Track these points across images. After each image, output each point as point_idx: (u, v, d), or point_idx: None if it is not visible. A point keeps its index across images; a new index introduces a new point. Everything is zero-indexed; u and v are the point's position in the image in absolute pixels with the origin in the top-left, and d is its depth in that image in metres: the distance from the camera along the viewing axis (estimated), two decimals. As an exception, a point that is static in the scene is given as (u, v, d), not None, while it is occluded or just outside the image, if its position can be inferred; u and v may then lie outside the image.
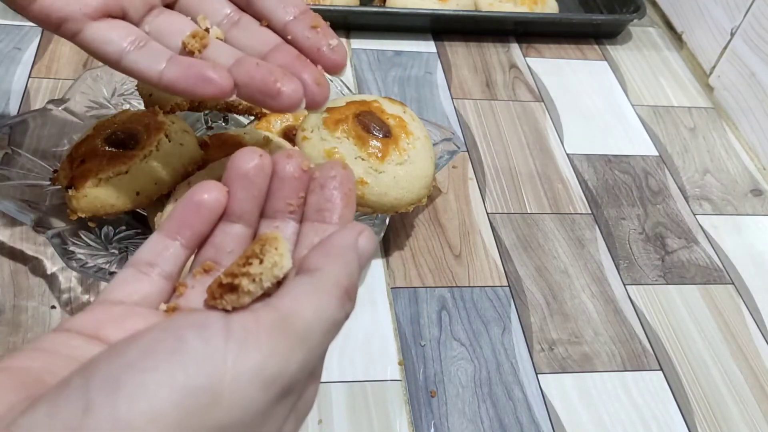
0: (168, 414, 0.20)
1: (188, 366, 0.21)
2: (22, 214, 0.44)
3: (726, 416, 0.47)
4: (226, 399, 0.21)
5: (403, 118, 0.49)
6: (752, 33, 0.68)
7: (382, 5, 0.76)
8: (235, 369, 0.21)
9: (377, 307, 0.49)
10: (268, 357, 0.22)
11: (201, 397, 0.21)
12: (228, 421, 0.21)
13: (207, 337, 0.22)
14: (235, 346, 0.22)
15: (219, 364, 0.21)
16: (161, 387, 0.20)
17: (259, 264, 0.26)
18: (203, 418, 0.21)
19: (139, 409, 0.20)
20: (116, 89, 0.55)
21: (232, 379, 0.21)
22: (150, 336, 0.22)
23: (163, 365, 0.21)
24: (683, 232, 0.59)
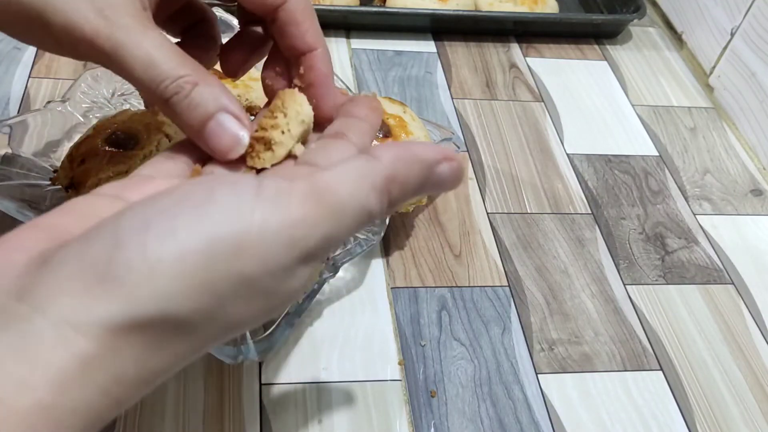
0: (194, 256, 0.21)
1: (216, 215, 0.22)
2: (22, 214, 0.44)
3: (726, 416, 0.47)
4: (249, 250, 0.22)
5: (403, 118, 0.49)
6: (752, 33, 0.68)
7: (382, 5, 0.76)
8: (261, 224, 0.22)
9: (377, 307, 0.49)
10: (296, 220, 0.23)
11: (226, 245, 0.22)
12: (250, 271, 0.22)
13: (237, 192, 0.23)
14: (265, 203, 0.23)
15: (246, 216, 0.22)
16: (189, 231, 0.22)
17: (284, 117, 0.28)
18: (227, 265, 0.22)
19: (167, 249, 0.21)
20: (116, 89, 0.55)
21: (258, 233, 0.22)
22: (182, 189, 0.23)
23: (193, 213, 0.22)
24: (683, 232, 0.59)
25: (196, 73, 0.29)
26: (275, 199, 0.23)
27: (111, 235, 0.22)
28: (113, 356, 0.21)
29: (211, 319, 0.22)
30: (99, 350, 0.21)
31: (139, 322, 0.21)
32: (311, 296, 0.45)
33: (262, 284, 0.23)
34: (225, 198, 0.22)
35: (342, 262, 0.45)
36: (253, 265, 0.22)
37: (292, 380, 0.44)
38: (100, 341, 0.21)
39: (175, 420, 0.42)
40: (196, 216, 0.22)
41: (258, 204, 0.23)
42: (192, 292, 0.22)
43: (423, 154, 0.26)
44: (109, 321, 0.21)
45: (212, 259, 0.22)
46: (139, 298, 0.21)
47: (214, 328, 0.23)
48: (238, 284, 0.22)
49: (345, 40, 0.74)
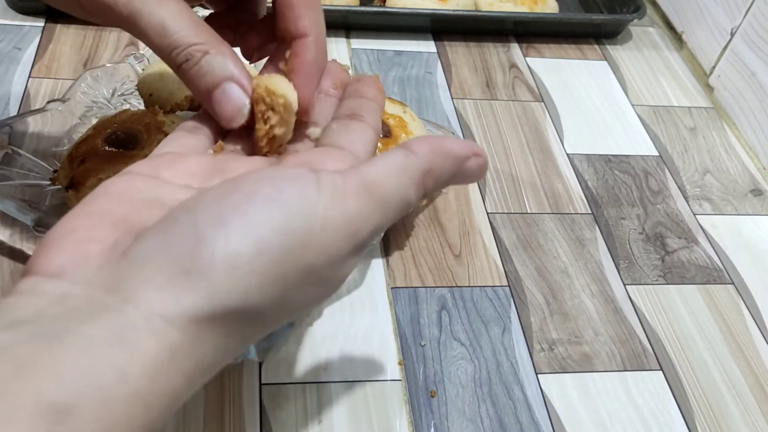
0: (271, 249, 0.23)
1: (287, 211, 0.23)
2: (22, 214, 0.44)
3: (726, 416, 0.47)
4: (315, 243, 0.24)
5: (403, 118, 0.49)
6: (752, 33, 0.68)
7: (382, 5, 0.76)
8: (324, 218, 0.24)
9: (377, 307, 0.49)
10: (353, 213, 0.25)
11: (298, 238, 0.23)
12: (315, 262, 0.24)
13: (301, 187, 0.24)
14: (326, 199, 0.24)
15: (312, 212, 0.24)
16: (265, 226, 0.23)
17: (274, 112, 0.30)
18: (297, 256, 0.24)
19: (246, 245, 0.23)
20: (116, 89, 0.55)
21: (322, 227, 0.24)
22: (249, 184, 0.24)
23: (266, 208, 0.23)
24: (683, 232, 0.59)
25: (209, 42, 0.31)
26: (334, 194, 0.25)
27: (191, 231, 0.23)
28: (197, 345, 0.22)
29: (279, 307, 0.24)
30: (186, 340, 0.22)
31: (222, 313, 0.23)
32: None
33: (324, 274, 0.25)
34: (292, 194, 0.24)
35: (342, 262, 0.45)
36: (319, 256, 0.24)
37: (292, 380, 0.44)
38: (186, 331, 0.22)
39: (175, 420, 0.42)
40: (268, 212, 0.23)
41: (320, 199, 0.24)
42: (267, 285, 0.23)
43: (456, 149, 0.28)
44: (195, 313, 0.22)
45: (285, 254, 0.23)
46: (222, 292, 0.22)
47: (279, 314, 0.25)
48: (305, 275, 0.24)
49: (345, 40, 0.74)
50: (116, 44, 0.68)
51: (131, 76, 0.55)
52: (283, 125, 0.31)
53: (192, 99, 0.50)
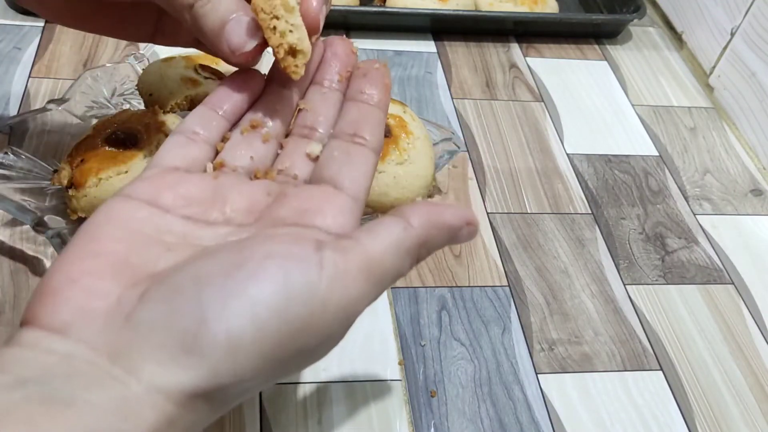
0: (272, 333, 0.24)
1: (290, 295, 0.24)
2: (22, 214, 0.44)
3: (726, 416, 0.47)
4: (314, 326, 0.25)
5: (403, 118, 0.49)
6: (752, 33, 0.68)
7: (382, 5, 0.76)
8: (324, 302, 0.25)
9: (377, 307, 0.49)
10: (353, 297, 0.25)
11: (298, 322, 0.24)
12: (311, 344, 0.25)
13: (305, 270, 0.25)
14: (327, 282, 0.25)
15: (314, 296, 0.24)
16: (268, 309, 0.24)
17: (278, 19, 0.31)
18: (295, 340, 0.24)
19: (247, 330, 0.23)
20: (116, 89, 0.55)
21: (322, 311, 0.25)
22: (255, 262, 0.25)
23: (270, 290, 0.24)
24: (683, 232, 0.59)
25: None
26: (335, 276, 0.25)
27: (196, 307, 0.24)
28: (192, 414, 0.24)
29: (268, 380, 0.25)
30: (181, 411, 0.23)
31: (217, 389, 0.24)
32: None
33: (316, 352, 0.26)
34: (296, 277, 0.24)
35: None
36: (315, 339, 0.25)
37: (292, 380, 0.44)
38: (183, 404, 0.23)
39: (175, 420, 0.42)
40: (272, 295, 0.24)
41: (322, 282, 0.25)
42: (263, 365, 0.24)
43: (451, 220, 0.28)
44: (193, 390, 0.23)
45: (284, 337, 0.24)
46: (220, 371, 0.23)
47: (264, 384, 0.26)
48: (299, 355, 0.25)
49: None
50: (116, 44, 0.68)
51: (131, 76, 0.55)
52: (294, 31, 0.31)
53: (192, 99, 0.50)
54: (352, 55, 0.35)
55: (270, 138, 0.33)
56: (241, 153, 0.32)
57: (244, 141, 0.32)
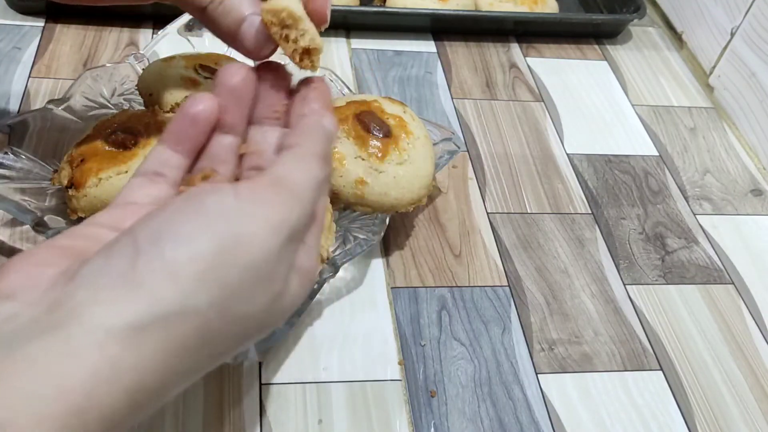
0: (204, 255, 0.25)
1: (211, 220, 0.25)
2: (22, 214, 0.44)
3: (726, 416, 0.47)
4: (245, 243, 0.25)
5: (403, 118, 0.49)
6: (752, 33, 0.68)
7: (382, 5, 0.76)
8: (248, 219, 0.26)
9: (377, 307, 0.49)
10: (271, 207, 0.26)
11: (227, 242, 0.25)
12: (249, 260, 0.25)
13: (221, 198, 0.26)
14: (245, 202, 0.26)
15: (234, 216, 0.26)
16: (194, 236, 0.25)
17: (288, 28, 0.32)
18: (230, 257, 0.25)
19: (180, 252, 0.24)
20: (116, 89, 0.55)
21: (246, 225, 0.26)
22: (176, 203, 0.26)
23: (195, 220, 0.25)
24: (683, 232, 0.59)
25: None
26: (251, 198, 0.27)
27: (131, 247, 0.25)
28: (139, 358, 0.23)
29: (224, 312, 0.25)
30: (127, 352, 0.23)
31: (163, 317, 0.24)
32: (311, 296, 0.45)
33: (263, 269, 0.26)
34: (214, 203, 0.26)
35: (342, 262, 0.45)
36: (251, 255, 0.26)
37: (292, 380, 0.44)
38: (128, 342, 0.23)
39: (175, 420, 0.42)
40: (196, 221, 0.25)
41: (239, 205, 0.26)
42: (206, 286, 0.24)
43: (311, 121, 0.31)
44: (137, 321, 0.23)
45: (219, 256, 0.25)
46: (162, 298, 0.24)
47: (227, 326, 0.26)
48: (243, 272, 0.25)
49: (345, 40, 0.74)
50: (116, 44, 0.68)
51: (131, 76, 0.55)
52: (305, 34, 0.32)
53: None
54: (285, 81, 0.34)
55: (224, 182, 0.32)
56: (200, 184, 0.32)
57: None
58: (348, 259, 0.46)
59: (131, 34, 0.69)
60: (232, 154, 0.33)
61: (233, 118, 0.32)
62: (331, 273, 0.44)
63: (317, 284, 0.43)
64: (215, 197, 0.26)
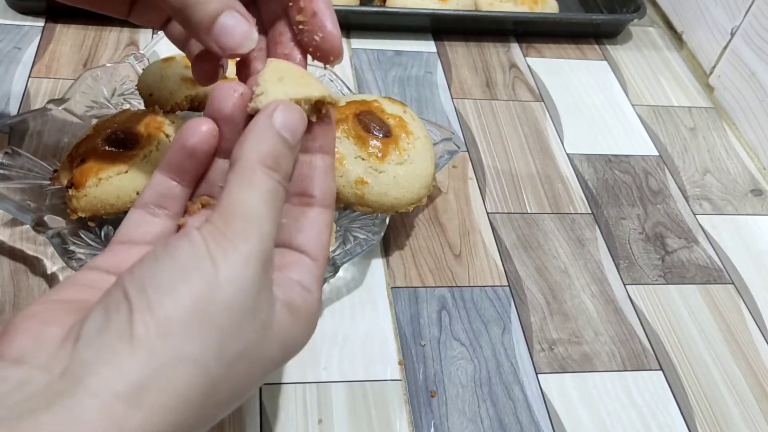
0: (186, 304, 0.24)
1: (187, 268, 0.25)
2: (22, 214, 0.44)
3: (726, 416, 0.47)
4: (224, 282, 0.25)
5: (403, 118, 0.49)
6: (752, 33, 0.68)
7: (382, 5, 0.76)
8: (218, 261, 0.25)
9: (377, 307, 0.49)
10: (232, 242, 0.26)
11: (203, 287, 0.25)
12: (229, 297, 0.25)
13: (192, 246, 0.26)
14: (210, 245, 0.26)
15: (204, 262, 0.25)
16: (174, 286, 0.25)
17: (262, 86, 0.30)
18: (211, 301, 0.25)
19: (165, 304, 0.24)
20: (116, 89, 0.55)
21: (222, 268, 0.25)
22: (154, 254, 0.26)
23: (170, 268, 0.25)
24: (683, 232, 0.59)
25: None
26: (211, 238, 0.26)
27: (124, 302, 0.24)
28: (145, 415, 0.23)
29: (220, 355, 0.25)
30: (132, 410, 0.23)
31: (162, 372, 0.24)
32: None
33: (244, 304, 0.26)
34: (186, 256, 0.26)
35: (342, 262, 0.45)
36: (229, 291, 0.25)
37: (292, 380, 0.44)
38: (133, 401, 0.23)
39: (175, 420, 0.41)
40: (174, 271, 0.25)
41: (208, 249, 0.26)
42: (195, 332, 0.24)
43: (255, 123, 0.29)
44: (139, 379, 0.23)
45: (201, 302, 0.25)
46: (160, 353, 0.24)
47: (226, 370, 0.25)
48: (226, 311, 0.25)
49: (345, 39, 0.74)
50: (116, 44, 0.68)
51: (131, 76, 0.55)
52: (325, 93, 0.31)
53: (192, 99, 0.50)
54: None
55: None
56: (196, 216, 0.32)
57: (197, 217, 0.32)
58: (348, 259, 0.46)
59: (131, 34, 0.69)
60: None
61: (227, 144, 0.31)
62: (331, 273, 0.44)
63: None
64: (186, 246, 0.26)
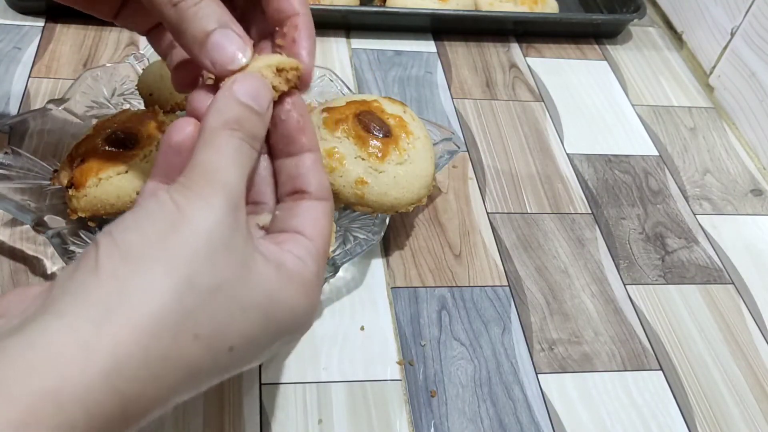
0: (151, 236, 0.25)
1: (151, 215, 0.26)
2: (22, 214, 0.44)
3: (726, 416, 0.47)
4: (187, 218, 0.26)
5: (403, 118, 0.49)
6: (752, 33, 0.68)
7: (382, 5, 0.76)
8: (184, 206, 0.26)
9: (377, 307, 0.49)
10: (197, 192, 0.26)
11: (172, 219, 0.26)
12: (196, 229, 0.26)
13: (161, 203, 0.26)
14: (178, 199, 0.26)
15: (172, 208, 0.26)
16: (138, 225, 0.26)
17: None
18: (175, 231, 0.25)
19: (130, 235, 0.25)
20: (116, 89, 0.55)
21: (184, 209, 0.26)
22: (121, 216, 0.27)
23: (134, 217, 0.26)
24: (683, 232, 0.59)
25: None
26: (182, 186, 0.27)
27: (92, 247, 0.25)
28: (112, 333, 0.23)
29: (190, 282, 0.25)
30: (100, 331, 0.22)
31: (129, 291, 0.24)
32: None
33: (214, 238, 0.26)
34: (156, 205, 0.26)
35: (342, 262, 0.45)
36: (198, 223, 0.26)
37: (292, 380, 0.44)
38: (100, 322, 0.23)
39: (175, 420, 0.42)
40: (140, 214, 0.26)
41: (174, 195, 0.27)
42: (164, 255, 0.24)
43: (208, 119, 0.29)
44: (106, 300, 0.23)
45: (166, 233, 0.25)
46: (123, 272, 0.24)
47: (202, 301, 0.25)
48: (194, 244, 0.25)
49: (345, 39, 0.74)
50: (116, 44, 0.68)
51: (131, 76, 0.55)
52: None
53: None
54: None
55: None
56: None
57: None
58: (348, 259, 0.46)
59: (131, 34, 0.69)
60: None
61: None
62: (331, 273, 0.44)
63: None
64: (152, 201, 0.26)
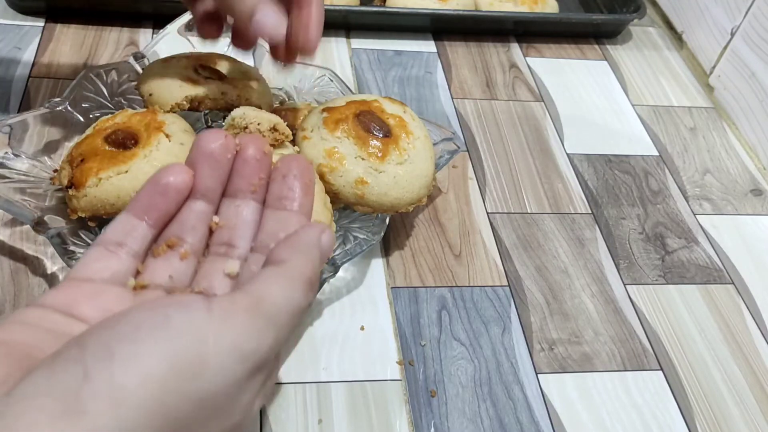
0: (157, 380, 0.22)
1: (175, 337, 0.23)
2: (22, 214, 0.44)
3: (726, 416, 0.47)
4: (208, 370, 0.23)
5: (403, 118, 0.49)
6: (752, 33, 0.68)
7: (382, 5, 0.76)
8: (216, 343, 0.23)
9: (377, 306, 0.49)
10: (245, 334, 0.24)
11: (186, 367, 0.22)
12: (209, 390, 0.23)
13: (190, 313, 0.23)
14: (216, 323, 0.23)
15: (202, 338, 0.23)
16: (151, 356, 0.22)
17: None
18: (188, 386, 0.22)
19: (132, 374, 0.22)
20: (116, 89, 0.55)
21: (214, 353, 0.23)
22: (138, 313, 0.23)
23: (152, 338, 0.22)
24: (683, 232, 0.59)
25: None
26: (223, 319, 0.24)
27: (78, 364, 0.22)
28: None
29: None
30: None
31: None
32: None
33: (218, 402, 0.23)
34: (180, 320, 0.23)
35: (342, 262, 0.45)
36: (212, 384, 0.23)
37: (292, 380, 0.44)
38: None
39: (175, 420, 0.41)
40: (155, 339, 0.22)
41: (210, 325, 0.23)
42: (152, 420, 0.22)
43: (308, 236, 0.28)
44: None
45: (173, 382, 0.22)
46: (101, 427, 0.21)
47: None
48: (197, 406, 0.23)
49: (345, 39, 0.74)
50: (116, 44, 0.68)
51: (131, 76, 0.55)
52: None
53: (192, 99, 0.50)
54: (266, 157, 0.32)
55: (188, 255, 0.31)
56: (160, 272, 0.30)
57: (162, 258, 0.30)
58: (348, 259, 0.46)
59: (131, 34, 0.69)
60: (202, 222, 0.31)
61: (207, 184, 0.30)
62: (331, 273, 0.44)
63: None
64: (183, 315, 0.23)
